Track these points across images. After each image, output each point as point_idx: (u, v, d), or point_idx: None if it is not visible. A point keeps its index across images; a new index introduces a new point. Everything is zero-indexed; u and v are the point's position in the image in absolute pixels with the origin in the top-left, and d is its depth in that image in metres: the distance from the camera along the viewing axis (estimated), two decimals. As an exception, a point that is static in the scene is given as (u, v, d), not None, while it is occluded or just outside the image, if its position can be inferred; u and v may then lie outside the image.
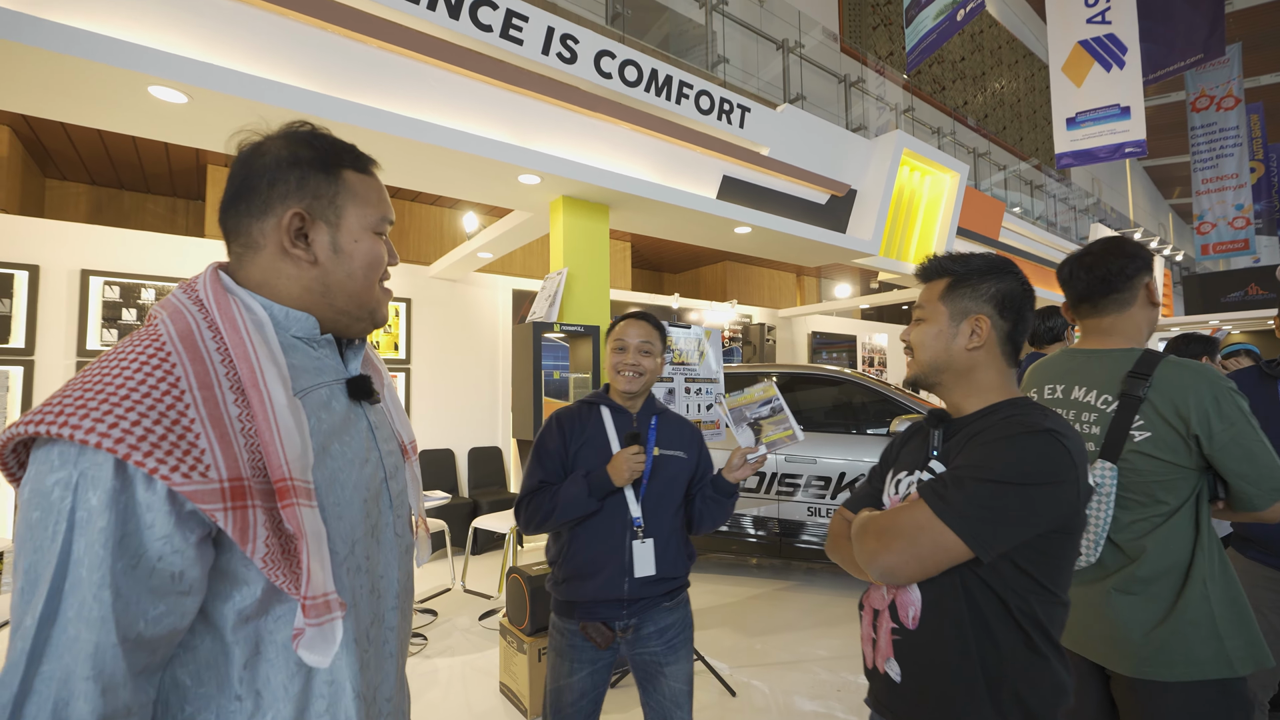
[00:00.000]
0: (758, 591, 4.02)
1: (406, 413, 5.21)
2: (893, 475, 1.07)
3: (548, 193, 3.35)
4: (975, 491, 0.84)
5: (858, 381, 4.22)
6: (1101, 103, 7.46)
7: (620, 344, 1.58)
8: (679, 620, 1.58)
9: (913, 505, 0.88)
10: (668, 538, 1.54)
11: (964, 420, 0.97)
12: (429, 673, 2.93)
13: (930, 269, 1.04)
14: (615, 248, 8.23)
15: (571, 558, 1.51)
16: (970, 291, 0.98)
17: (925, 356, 1.00)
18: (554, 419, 1.58)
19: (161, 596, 0.58)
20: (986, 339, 0.96)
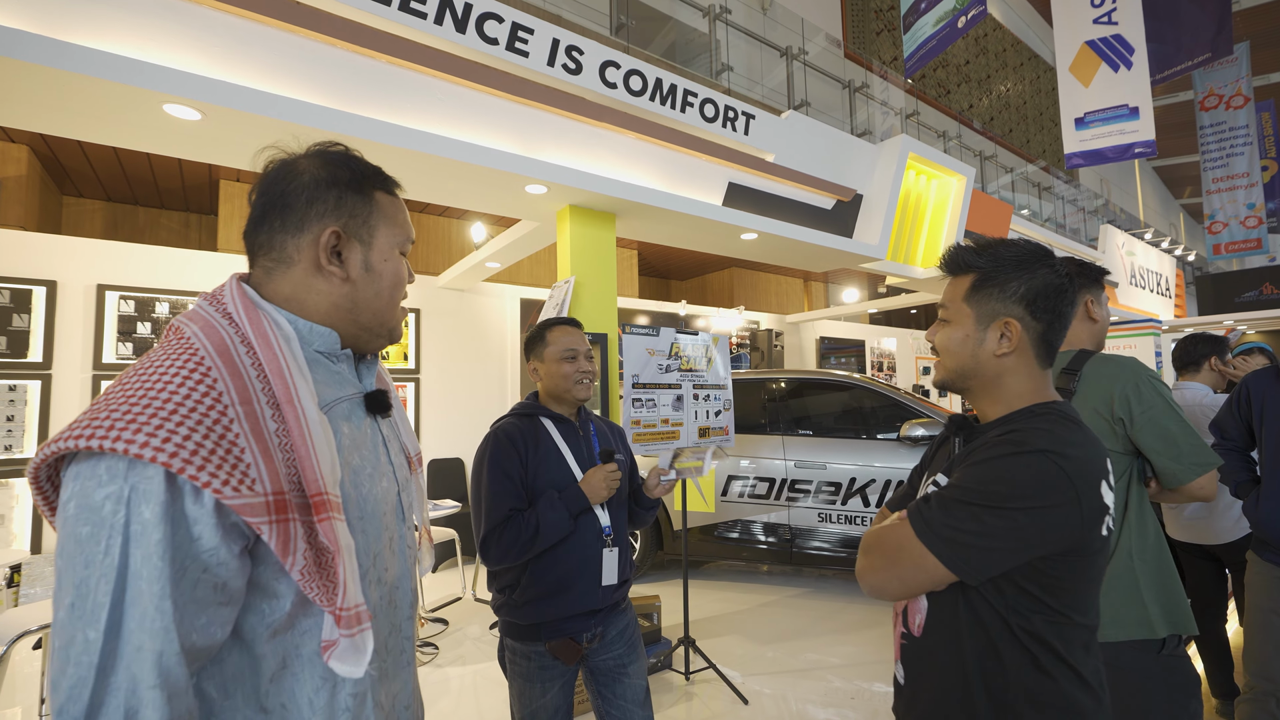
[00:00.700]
0: (769, 599, 3.99)
1: (416, 423, 5.27)
2: (927, 477, 1.04)
3: (555, 202, 3.38)
4: (955, 514, 0.80)
5: (867, 386, 4.20)
6: (1110, 103, 7.43)
7: (570, 352, 1.55)
8: (631, 619, 1.62)
9: (897, 525, 0.85)
10: (625, 545, 1.56)
11: (985, 428, 0.91)
12: (440, 681, 2.93)
13: (954, 262, 0.94)
14: (622, 255, 8.26)
15: (539, 578, 1.44)
16: (998, 291, 0.88)
17: (952, 363, 0.93)
18: (502, 438, 1.49)
19: (205, 608, 0.59)
20: (1018, 344, 0.87)
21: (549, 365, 1.56)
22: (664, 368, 2.86)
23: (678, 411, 2.88)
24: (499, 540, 1.40)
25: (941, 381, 0.97)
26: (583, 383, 1.55)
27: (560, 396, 1.57)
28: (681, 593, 2.98)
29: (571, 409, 1.60)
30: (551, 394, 1.58)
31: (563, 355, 1.55)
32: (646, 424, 2.75)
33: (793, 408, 4.40)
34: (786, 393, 4.46)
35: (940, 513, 0.81)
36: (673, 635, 3.24)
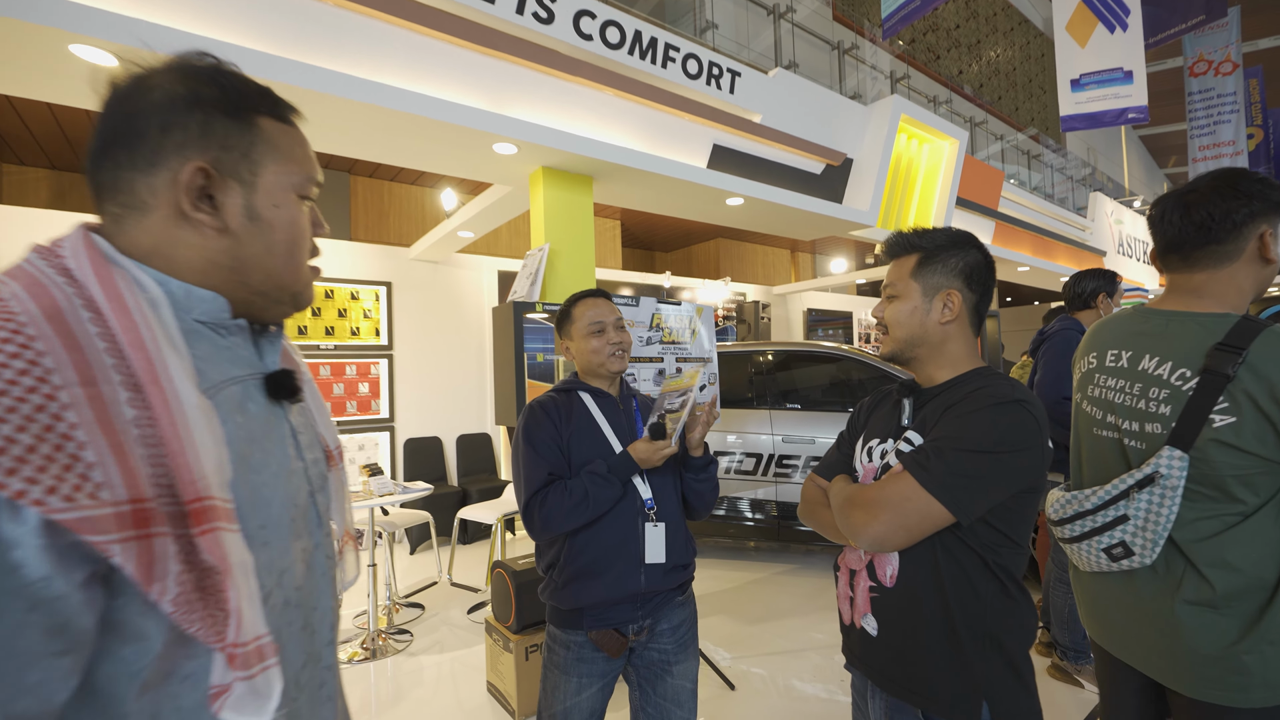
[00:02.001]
0: (756, 576, 3.90)
1: (390, 401, 5.07)
2: (863, 442, 1.10)
3: (526, 164, 3.14)
4: (955, 460, 0.89)
5: (856, 358, 4.07)
6: (1105, 65, 7.24)
7: (598, 325, 1.45)
8: (689, 615, 1.49)
9: (897, 477, 0.93)
10: (676, 522, 1.43)
11: (934, 390, 1.02)
12: (415, 671, 2.80)
13: (897, 245, 1.07)
14: (604, 226, 8.00)
15: (575, 557, 1.35)
16: (940, 267, 1.01)
17: (902, 333, 1.03)
18: (536, 408, 1.42)
19: (34, 661, 0.43)
20: (958, 312, 1.00)
21: (578, 342, 1.47)
22: (645, 340, 2.68)
23: (659, 387, 2.72)
24: (541, 506, 1.31)
25: (891, 353, 1.06)
26: (616, 355, 1.45)
27: (595, 372, 1.47)
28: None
29: (610, 383, 1.49)
30: (586, 370, 1.49)
31: (590, 329, 1.45)
32: (626, 400, 2.59)
33: (780, 381, 4.26)
34: (774, 365, 4.32)
35: (939, 462, 0.90)
36: (656, 617, 3.14)
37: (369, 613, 3.04)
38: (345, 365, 4.94)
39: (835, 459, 1.16)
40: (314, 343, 4.80)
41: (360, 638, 3.04)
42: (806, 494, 1.15)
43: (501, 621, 2.49)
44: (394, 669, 2.83)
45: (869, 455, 1.07)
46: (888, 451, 1.03)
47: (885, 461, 1.02)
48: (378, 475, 3.11)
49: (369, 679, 2.76)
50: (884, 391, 1.16)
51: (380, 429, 5.08)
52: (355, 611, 3.44)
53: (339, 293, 4.95)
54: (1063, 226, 7.71)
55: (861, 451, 1.09)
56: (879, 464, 1.04)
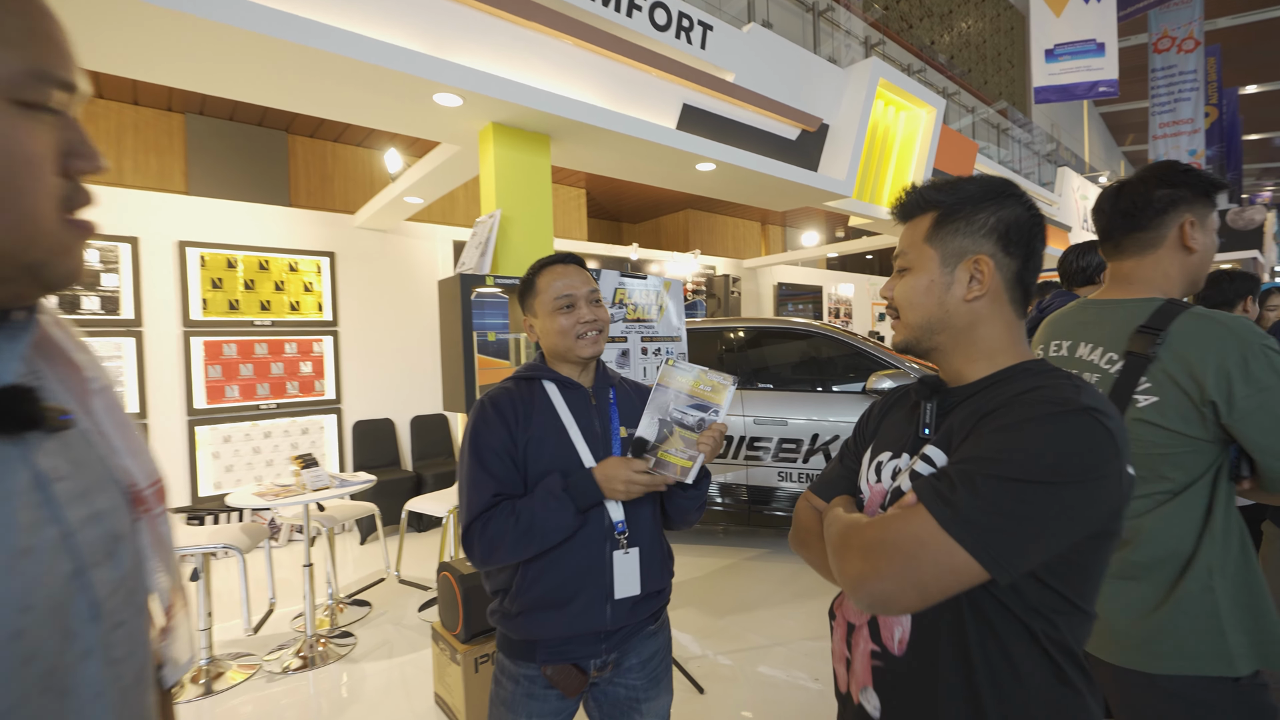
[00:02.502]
0: (726, 562, 3.76)
1: (336, 381, 4.71)
2: (872, 454, 0.86)
3: (474, 119, 2.80)
4: (992, 494, 0.62)
5: (829, 334, 3.89)
6: (1079, 36, 7.15)
7: (567, 299, 1.18)
8: (663, 644, 1.26)
9: (908, 513, 0.66)
10: (651, 543, 1.19)
11: (965, 390, 0.76)
12: (357, 681, 2.56)
13: (910, 204, 0.81)
14: (568, 195, 7.62)
15: (530, 585, 1.12)
16: (964, 226, 0.76)
17: (916, 316, 0.78)
18: (487, 407, 1.16)
19: None
20: (990, 284, 0.75)
21: (543, 320, 1.20)
22: (606, 318, 2.42)
23: (623, 369, 2.48)
24: (482, 534, 1.08)
25: (906, 342, 0.81)
26: (587, 336, 1.19)
27: (563, 356, 1.21)
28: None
29: (582, 370, 1.24)
30: (553, 354, 1.23)
31: (557, 304, 1.19)
32: (586, 384, 2.35)
33: (752, 359, 4.07)
34: (745, 343, 4.12)
35: (968, 494, 0.63)
36: (621, 613, 2.96)
37: (305, 616, 2.77)
38: (284, 343, 4.54)
39: (836, 474, 0.91)
40: (248, 319, 4.39)
41: (296, 644, 2.77)
42: (799, 517, 0.91)
43: (449, 629, 2.25)
44: (334, 678, 2.58)
45: (877, 473, 0.83)
46: (900, 470, 0.78)
47: (896, 485, 0.77)
48: (312, 467, 2.81)
49: (306, 691, 2.50)
50: (901, 389, 0.91)
51: (326, 411, 4.72)
52: (293, 613, 3.16)
53: (275, 263, 4.52)
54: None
55: (869, 467, 0.85)
56: (889, 485, 0.79)
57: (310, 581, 2.79)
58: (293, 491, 2.72)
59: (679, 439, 1.12)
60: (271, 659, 2.71)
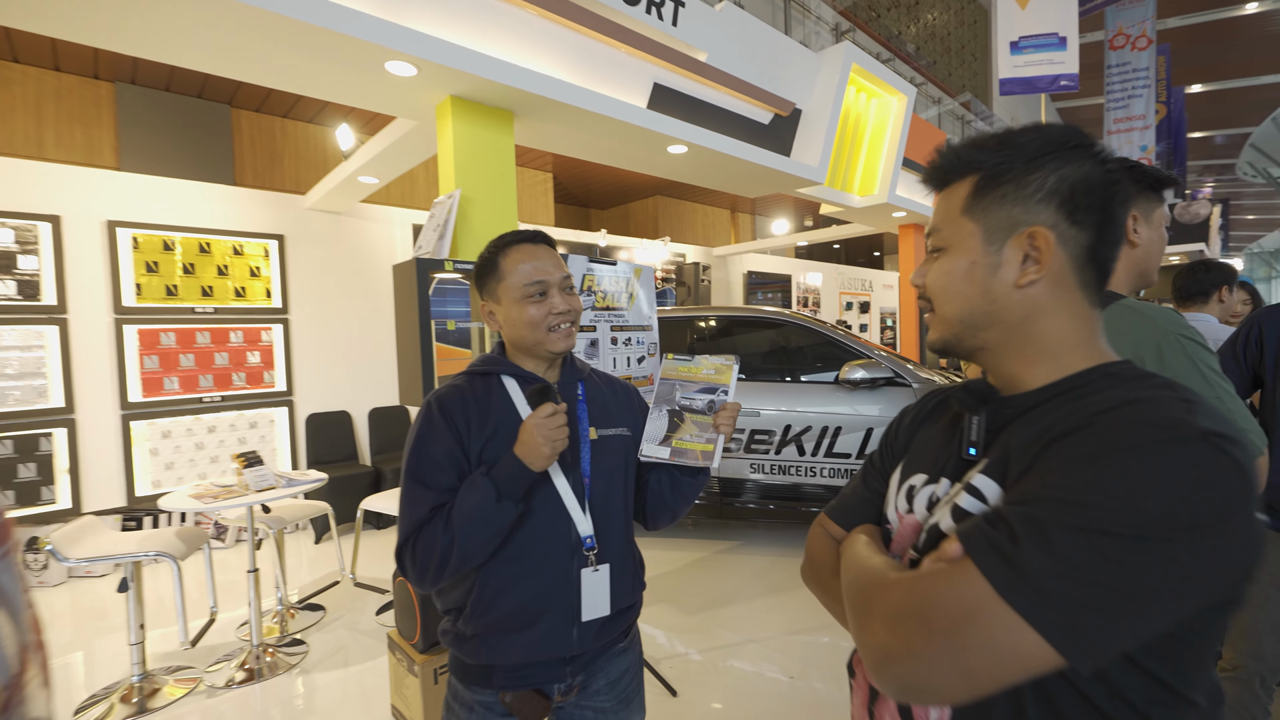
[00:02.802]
0: (696, 556, 3.69)
1: (288, 372, 4.46)
2: (902, 475, 0.69)
3: (431, 90, 2.61)
4: (1074, 552, 0.44)
5: (802, 324, 3.84)
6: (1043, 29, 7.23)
7: (539, 286, 1.02)
8: (633, 663, 1.14)
9: (953, 571, 0.48)
10: (622, 556, 1.07)
11: (1024, 401, 0.59)
12: (309, 693, 2.39)
13: (944, 166, 0.63)
14: (535, 179, 7.40)
15: (486, 605, 0.98)
16: (1014, 191, 0.58)
17: (954, 309, 0.61)
18: (434, 410, 1.01)
19: None
20: (1051, 265, 0.57)
21: (508, 308, 1.04)
22: (574, 306, 2.29)
23: (592, 360, 2.35)
24: (413, 555, 0.95)
25: (943, 341, 0.64)
26: (560, 329, 1.04)
27: (531, 350, 1.06)
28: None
29: (549, 365, 1.09)
30: (518, 345, 1.07)
31: (527, 292, 1.02)
32: (553, 376, 2.21)
33: (723, 349, 3.99)
34: (716, 332, 4.03)
35: (1038, 550, 0.45)
36: (590, 613, 2.85)
37: (251, 624, 2.58)
38: (229, 331, 4.26)
39: (858, 497, 0.75)
40: (187, 305, 4.09)
41: (241, 655, 2.58)
42: (812, 548, 0.76)
43: (406, 638, 2.11)
44: (284, 690, 2.41)
45: (908, 499, 0.66)
46: (939, 500, 0.61)
47: (934, 521, 0.59)
48: (255, 466, 2.61)
49: (252, 705, 2.32)
50: (938, 395, 0.74)
51: (276, 404, 4.46)
52: (239, 621, 2.96)
53: (218, 246, 4.22)
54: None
55: (898, 491, 0.68)
56: (924, 518, 0.62)
57: (256, 587, 2.60)
58: (234, 492, 2.52)
59: (692, 424, 1.05)
60: (214, 671, 2.52)
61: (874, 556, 0.60)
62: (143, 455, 3.91)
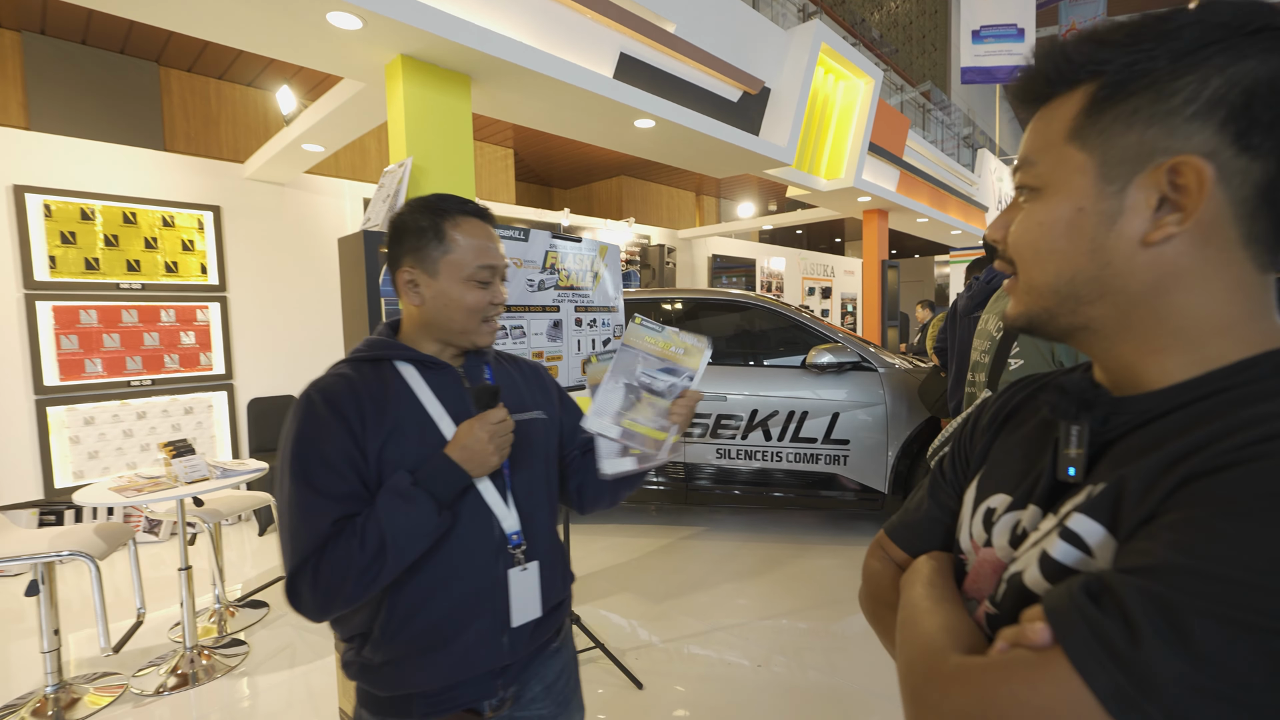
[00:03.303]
0: (662, 542, 3.64)
1: (227, 354, 4.17)
2: (978, 494, 0.53)
3: (379, 47, 2.41)
4: (1226, 657, 0.29)
5: (768, 307, 3.79)
6: (1002, 19, 7.34)
7: (491, 270, 0.92)
8: (567, 662, 1.05)
9: (1038, 669, 0.34)
10: (551, 551, 0.97)
11: (1147, 405, 0.42)
12: (251, 695, 2.24)
13: (1047, 70, 0.44)
14: (494, 154, 7.12)
15: (400, 625, 0.85)
16: (1151, 103, 0.39)
17: (1045, 273, 0.45)
18: (316, 403, 0.84)
19: None
20: (1198, 211, 0.38)
21: (446, 285, 0.90)
22: (536, 284, 2.16)
23: (555, 341, 2.23)
24: (315, 579, 0.78)
25: (1028, 317, 0.47)
26: (492, 321, 0.94)
27: (449, 338, 0.93)
28: (563, 559, 2.46)
29: (456, 350, 0.96)
30: (435, 328, 0.93)
31: (477, 275, 0.91)
32: (513, 359, 2.08)
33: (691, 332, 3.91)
34: (683, 315, 3.95)
35: (1170, 652, 0.30)
36: (553, 604, 2.76)
37: (184, 625, 2.40)
38: (160, 309, 3.94)
39: (925, 514, 0.59)
40: (111, 281, 3.76)
41: (172, 659, 2.39)
42: (870, 575, 0.62)
43: (354, 638, 1.97)
44: (222, 695, 2.24)
45: (986, 525, 0.51)
46: (1025, 534, 0.46)
47: (1017, 571, 0.44)
48: (186, 456, 2.40)
49: (186, 713, 2.15)
50: (1025, 385, 0.58)
51: (214, 388, 4.17)
52: (171, 622, 2.75)
53: (145, 216, 3.89)
54: (955, 180, 7.92)
55: (973, 514, 0.53)
56: (1005, 554, 0.47)
57: (188, 586, 2.41)
58: (161, 484, 2.31)
59: (648, 406, 0.93)
60: (142, 677, 2.33)
61: (935, 612, 0.47)
62: (61, 444, 3.60)
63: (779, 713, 2.06)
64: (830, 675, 2.26)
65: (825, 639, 2.53)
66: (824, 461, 3.41)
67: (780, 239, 12.53)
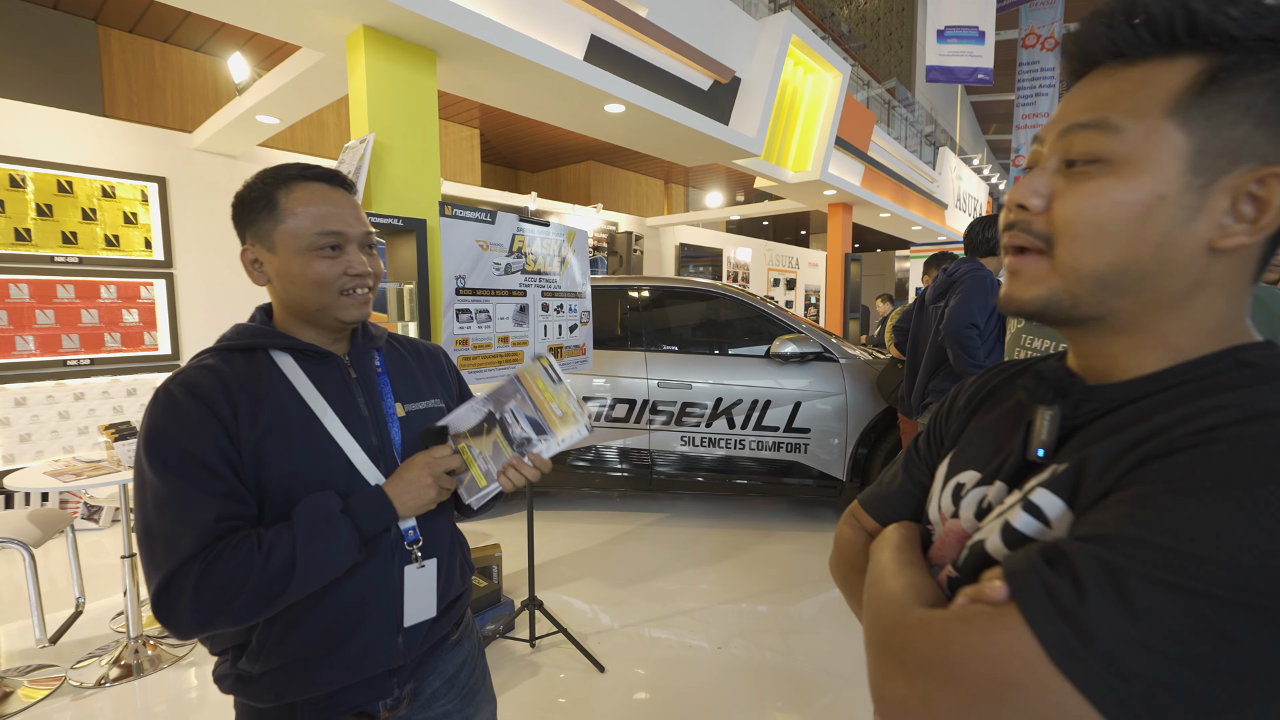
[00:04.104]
0: (625, 528, 3.66)
1: (173, 333, 3.98)
2: (949, 470, 0.55)
3: (340, 16, 2.31)
4: (1160, 615, 0.32)
5: (735, 296, 3.83)
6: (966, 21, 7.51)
7: (334, 238, 0.81)
8: (470, 653, 0.99)
9: (994, 619, 0.37)
10: (448, 544, 0.92)
11: (1116, 393, 0.44)
12: (200, 686, 2.16)
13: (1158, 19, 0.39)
14: (459, 134, 6.96)
15: (282, 635, 0.78)
16: (1270, 99, 0.37)
17: (1101, 258, 0.41)
18: (178, 397, 0.75)
19: None
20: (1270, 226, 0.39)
21: (286, 259, 0.80)
22: (502, 267, 2.13)
23: (521, 326, 2.21)
24: (199, 586, 0.69)
25: (1050, 301, 0.44)
26: (355, 294, 0.83)
27: (312, 317, 0.84)
28: (526, 531, 2.45)
29: (337, 336, 0.88)
30: (295, 310, 0.84)
31: (316, 243, 0.80)
32: (478, 343, 2.05)
33: (656, 320, 3.92)
34: (650, 302, 3.95)
35: (1111, 608, 0.33)
36: (516, 591, 2.76)
37: (127, 614, 2.30)
38: (99, 285, 3.74)
39: (897, 486, 0.63)
40: (45, 254, 3.54)
41: (115, 650, 2.30)
42: (841, 542, 0.65)
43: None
44: (170, 686, 2.17)
45: (954, 499, 0.54)
46: (990, 508, 0.49)
47: (980, 539, 0.47)
48: (131, 439, 2.29)
49: (130, 704, 2.07)
50: (1002, 370, 0.60)
51: (160, 368, 3.99)
52: (114, 612, 2.64)
53: (82, 186, 3.66)
54: (917, 176, 8.11)
55: (944, 487, 0.56)
56: (970, 525, 0.50)
57: (132, 573, 2.31)
58: (103, 468, 2.20)
59: (491, 445, 0.87)
60: (82, 669, 2.23)
61: (900, 573, 0.49)
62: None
63: (738, 693, 2.11)
64: (787, 656, 2.33)
65: (784, 621, 2.60)
66: (785, 449, 3.48)
67: (747, 229, 12.63)
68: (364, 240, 0.85)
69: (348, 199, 0.86)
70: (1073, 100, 0.43)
